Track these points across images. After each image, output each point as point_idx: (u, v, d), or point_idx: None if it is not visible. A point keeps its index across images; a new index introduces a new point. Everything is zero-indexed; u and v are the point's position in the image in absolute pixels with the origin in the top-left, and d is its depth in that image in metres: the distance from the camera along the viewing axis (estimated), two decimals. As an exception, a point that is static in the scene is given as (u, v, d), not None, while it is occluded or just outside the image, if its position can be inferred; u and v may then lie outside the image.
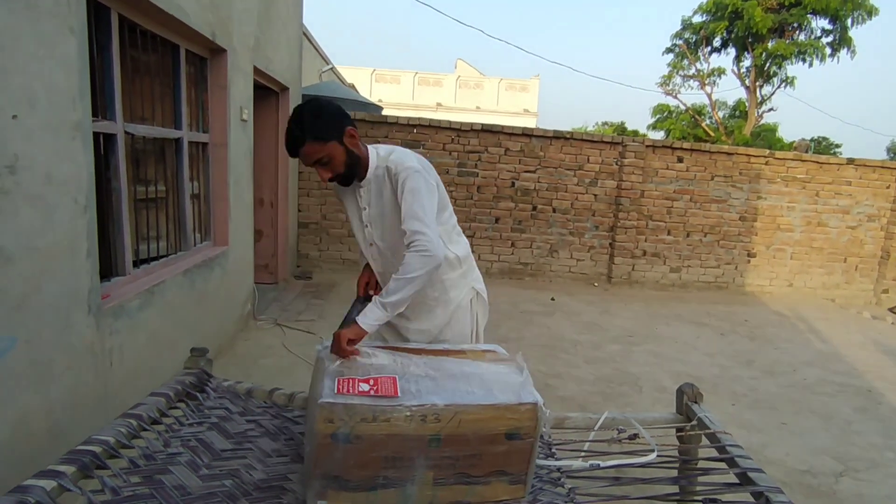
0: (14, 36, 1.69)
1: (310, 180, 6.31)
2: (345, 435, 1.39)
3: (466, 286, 1.95)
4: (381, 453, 1.44)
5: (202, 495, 1.43)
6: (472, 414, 1.46)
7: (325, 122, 1.67)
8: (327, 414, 1.38)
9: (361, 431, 1.40)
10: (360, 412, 1.39)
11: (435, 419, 1.43)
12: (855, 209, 7.17)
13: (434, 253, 1.62)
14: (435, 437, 1.45)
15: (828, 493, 2.67)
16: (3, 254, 1.68)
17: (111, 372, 2.33)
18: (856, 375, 4.39)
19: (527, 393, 1.53)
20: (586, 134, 7.04)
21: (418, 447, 1.45)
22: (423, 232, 1.63)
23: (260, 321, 4.52)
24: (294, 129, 1.66)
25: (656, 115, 21.13)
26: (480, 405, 1.47)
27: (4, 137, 1.67)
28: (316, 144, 1.66)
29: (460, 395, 1.50)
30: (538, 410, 1.50)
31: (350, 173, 1.76)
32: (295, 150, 1.68)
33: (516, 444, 1.51)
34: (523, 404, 1.50)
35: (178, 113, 3.26)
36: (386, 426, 1.41)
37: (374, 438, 1.41)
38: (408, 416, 1.42)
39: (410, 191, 1.67)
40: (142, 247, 2.94)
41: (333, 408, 1.38)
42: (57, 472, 1.30)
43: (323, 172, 1.72)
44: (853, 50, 16.28)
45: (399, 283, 1.62)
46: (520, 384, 1.56)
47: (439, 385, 1.53)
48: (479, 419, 1.47)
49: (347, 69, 19.44)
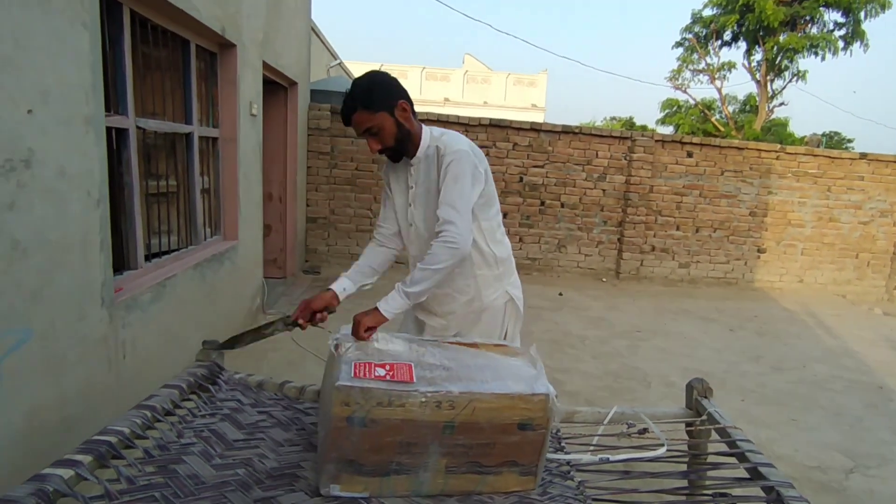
0: (28, 31, 1.71)
1: (318, 175, 6.32)
2: (360, 419, 1.41)
3: (501, 289, 1.89)
4: (395, 438, 1.46)
5: (216, 484, 1.44)
6: (487, 402, 1.47)
7: (376, 92, 1.66)
8: (343, 397, 1.40)
9: (377, 415, 1.42)
10: (375, 396, 1.41)
11: (449, 406, 1.45)
12: (867, 204, 7.10)
13: (460, 246, 1.60)
14: (449, 423, 1.46)
15: (838, 489, 2.66)
16: (19, 247, 1.71)
17: (123, 364, 2.36)
18: (866, 372, 4.36)
19: (540, 384, 1.54)
20: (595, 129, 7.01)
21: (432, 433, 1.46)
22: (453, 221, 1.60)
23: (269, 315, 4.55)
24: (347, 97, 1.67)
25: (665, 109, 20.94)
26: (495, 394, 1.48)
27: (20, 132, 1.69)
28: (366, 113, 1.65)
29: (475, 383, 1.51)
30: (550, 401, 1.51)
31: (400, 148, 1.73)
32: (348, 117, 1.69)
33: (528, 435, 1.52)
34: (536, 395, 1.51)
35: (188, 108, 3.28)
36: (401, 411, 1.43)
37: (389, 423, 1.43)
38: (423, 402, 1.43)
39: (454, 176, 1.64)
40: (153, 241, 2.97)
41: (350, 391, 1.40)
42: (74, 462, 1.32)
43: (373, 143, 1.70)
44: (866, 43, 16.05)
45: (424, 273, 1.61)
46: (533, 376, 1.57)
47: (454, 374, 1.54)
48: (493, 408, 1.48)
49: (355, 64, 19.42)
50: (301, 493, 1.47)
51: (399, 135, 1.70)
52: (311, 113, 6.17)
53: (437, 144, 1.71)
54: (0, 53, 1.60)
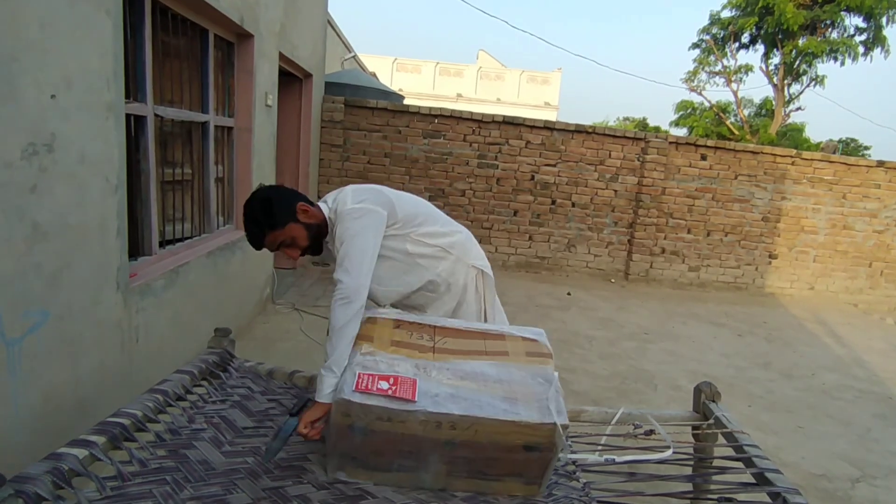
0: (54, 17, 1.73)
1: (330, 167, 6.34)
2: (361, 428, 1.43)
3: (465, 267, 1.96)
4: (396, 447, 1.47)
5: (225, 471, 1.46)
6: (489, 427, 1.45)
7: (276, 209, 1.73)
8: (344, 409, 1.42)
9: (377, 427, 1.43)
10: (375, 412, 1.42)
11: (450, 427, 1.44)
12: (883, 213, 7.01)
13: (352, 299, 1.61)
14: (450, 441, 1.46)
15: (843, 498, 2.64)
16: (39, 230, 1.73)
17: (137, 348, 2.39)
18: (877, 382, 4.32)
19: (550, 412, 1.48)
20: (609, 129, 6.97)
21: (432, 446, 1.47)
22: (340, 279, 1.65)
23: (278, 305, 4.58)
24: (251, 227, 1.74)
25: (679, 111, 20.78)
26: (498, 420, 1.45)
27: (44, 116, 1.71)
28: (275, 233, 1.74)
29: (480, 406, 1.47)
30: (557, 430, 1.46)
31: (316, 243, 1.82)
32: (259, 244, 1.77)
33: (534, 455, 1.50)
34: (544, 424, 1.46)
35: (205, 97, 3.31)
36: (401, 426, 1.43)
37: (389, 434, 1.44)
38: (423, 421, 1.43)
39: (340, 238, 1.72)
40: (167, 228, 3.00)
41: (350, 405, 1.41)
42: (88, 442, 1.34)
43: (292, 252, 1.79)
44: (887, 49, 15.82)
45: (332, 338, 1.59)
46: (546, 399, 1.52)
47: (459, 392, 1.50)
48: (497, 432, 1.45)
49: (369, 57, 19.44)
50: (309, 485, 1.49)
51: (310, 233, 1.79)
52: (325, 105, 6.18)
53: (333, 217, 1.80)
54: (26, 38, 1.62)
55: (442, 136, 6.42)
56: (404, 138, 6.39)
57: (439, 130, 6.42)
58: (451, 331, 1.74)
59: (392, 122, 6.35)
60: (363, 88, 6.88)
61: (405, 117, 6.38)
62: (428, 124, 6.40)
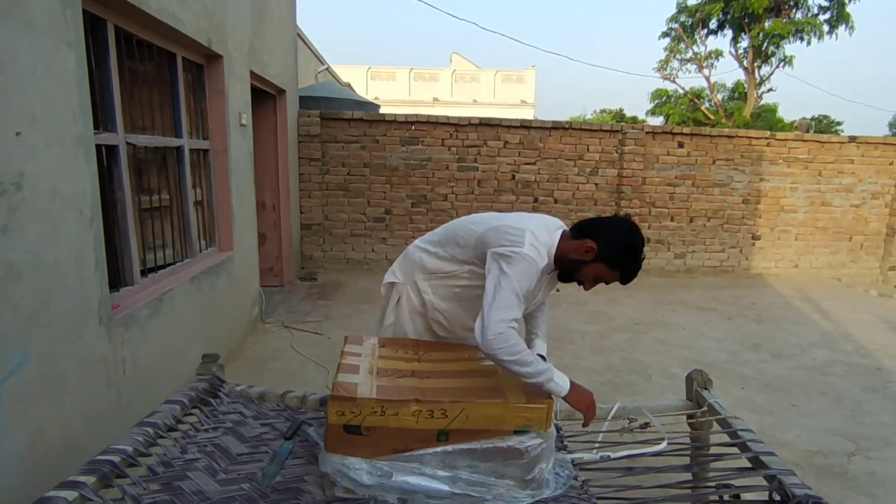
0: (12, 54, 1.70)
1: (310, 182, 6.32)
2: (355, 427, 1.46)
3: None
4: (390, 446, 1.49)
5: (221, 500, 1.45)
6: (480, 410, 1.49)
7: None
8: (338, 407, 1.45)
9: (372, 423, 1.46)
10: (369, 405, 1.45)
11: (442, 414, 1.48)
12: (858, 187, 7.14)
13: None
14: (443, 431, 1.49)
15: (840, 472, 2.68)
16: (13, 270, 1.70)
17: (124, 381, 2.35)
18: (865, 355, 4.39)
19: (537, 391, 1.56)
20: (585, 123, 7.02)
21: (426, 440, 1.49)
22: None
23: (268, 324, 4.54)
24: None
25: (655, 100, 21.03)
26: (488, 402, 1.50)
27: (9, 155, 1.68)
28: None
29: (469, 392, 1.54)
30: (549, 408, 1.51)
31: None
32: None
33: (525, 438, 1.52)
34: (533, 402, 1.51)
35: (177, 121, 3.27)
36: (394, 420, 1.46)
37: (384, 431, 1.47)
38: (415, 411, 1.47)
39: None
40: (148, 256, 2.96)
41: (343, 402, 1.45)
42: (77, 483, 1.32)
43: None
44: (851, 26, 16.15)
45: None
46: (534, 383, 1.57)
47: (448, 384, 1.58)
48: (487, 416, 1.49)
49: (343, 68, 19.41)
50: (306, 506, 1.48)
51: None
52: (301, 119, 6.16)
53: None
54: (-14, 77, 1.59)
55: (420, 143, 6.42)
56: (382, 147, 6.38)
57: (417, 137, 6.42)
58: (432, 344, 1.84)
59: (369, 132, 6.34)
60: (338, 100, 6.87)
61: (382, 126, 6.38)
62: (405, 131, 6.40)
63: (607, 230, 1.72)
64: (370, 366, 1.66)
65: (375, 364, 1.68)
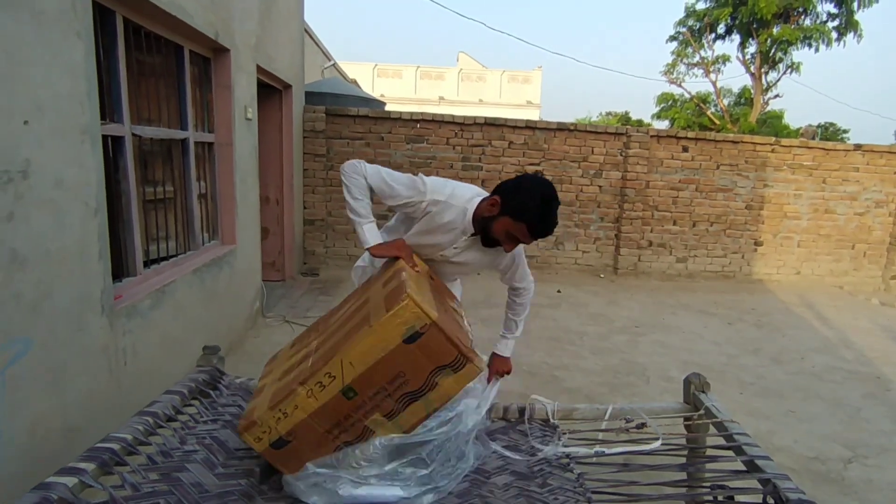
0: (21, 43, 1.71)
1: (314, 177, 6.33)
2: (280, 441, 1.44)
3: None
4: (319, 431, 1.45)
5: (218, 493, 1.46)
6: (355, 349, 1.39)
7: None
8: (250, 436, 1.44)
9: (286, 427, 1.43)
10: (271, 417, 1.43)
11: (329, 378, 1.40)
12: (863, 195, 7.12)
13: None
14: (344, 390, 1.40)
15: (836, 479, 2.68)
16: (17, 258, 1.71)
17: (125, 371, 2.37)
18: (864, 362, 4.38)
19: (394, 296, 1.43)
20: (590, 125, 7.02)
21: (340, 407, 1.43)
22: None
23: (269, 318, 4.56)
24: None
25: (660, 103, 20.98)
26: (356, 338, 1.40)
27: (17, 143, 1.69)
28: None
29: (340, 342, 1.45)
30: (413, 301, 1.37)
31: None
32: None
33: (424, 340, 1.39)
34: (393, 307, 1.37)
35: (183, 114, 3.29)
36: (300, 412, 1.42)
37: (302, 425, 1.43)
38: (308, 391, 1.42)
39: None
40: (151, 247, 2.98)
41: (251, 430, 1.44)
42: (78, 469, 1.33)
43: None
44: (860, 34, 16.08)
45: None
46: (390, 293, 1.48)
47: (326, 346, 1.52)
48: (367, 349, 1.38)
49: (349, 65, 19.41)
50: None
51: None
52: (307, 115, 6.17)
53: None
54: (-5, 66, 1.61)
55: (425, 141, 6.43)
56: (387, 145, 6.39)
57: (422, 135, 6.43)
58: (333, 312, 1.84)
59: (374, 129, 6.35)
60: (344, 97, 6.88)
61: (387, 123, 6.38)
62: (410, 129, 6.41)
63: (513, 184, 1.78)
64: (275, 377, 1.64)
65: (281, 370, 1.64)
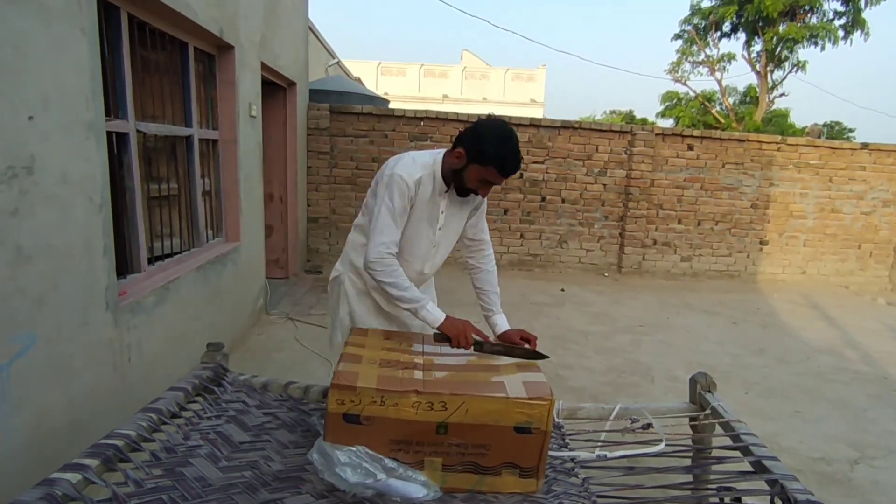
0: (27, 39, 1.71)
1: (318, 175, 6.33)
2: (354, 416, 1.47)
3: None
4: (388, 436, 1.49)
5: (223, 486, 1.45)
6: (480, 404, 1.48)
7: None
8: (338, 395, 1.46)
9: (371, 413, 1.46)
10: (369, 395, 1.46)
11: (441, 406, 1.47)
12: (869, 195, 7.07)
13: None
14: (442, 424, 1.49)
15: (843, 480, 2.66)
16: (22, 253, 1.71)
17: (129, 367, 2.37)
18: (870, 363, 4.35)
19: (538, 388, 1.55)
20: (595, 123, 7.00)
21: (425, 433, 1.49)
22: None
23: (272, 316, 4.56)
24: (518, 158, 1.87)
25: (665, 102, 20.91)
26: (488, 396, 1.50)
27: (22, 138, 1.69)
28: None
29: (469, 386, 1.54)
30: (551, 406, 1.50)
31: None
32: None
33: (527, 438, 1.51)
34: (534, 399, 1.51)
35: (188, 110, 3.29)
36: (394, 411, 1.47)
37: (383, 421, 1.47)
38: (415, 402, 1.47)
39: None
40: (156, 244, 2.98)
41: (343, 390, 1.46)
42: (81, 466, 1.33)
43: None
44: (867, 32, 15.97)
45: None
46: (532, 382, 1.58)
47: (450, 378, 1.59)
48: (487, 411, 1.49)
49: (353, 62, 19.40)
50: (307, 495, 1.48)
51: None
52: (311, 113, 6.17)
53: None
54: (0, 60, 1.60)
55: (429, 139, 6.42)
56: (391, 142, 6.38)
57: (426, 133, 6.42)
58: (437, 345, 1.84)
59: (378, 127, 6.34)
60: (348, 94, 6.87)
61: (391, 121, 6.37)
62: (414, 127, 6.40)
63: (471, 132, 1.81)
64: (373, 356, 1.66)
65: (378, 355, 1.68)
